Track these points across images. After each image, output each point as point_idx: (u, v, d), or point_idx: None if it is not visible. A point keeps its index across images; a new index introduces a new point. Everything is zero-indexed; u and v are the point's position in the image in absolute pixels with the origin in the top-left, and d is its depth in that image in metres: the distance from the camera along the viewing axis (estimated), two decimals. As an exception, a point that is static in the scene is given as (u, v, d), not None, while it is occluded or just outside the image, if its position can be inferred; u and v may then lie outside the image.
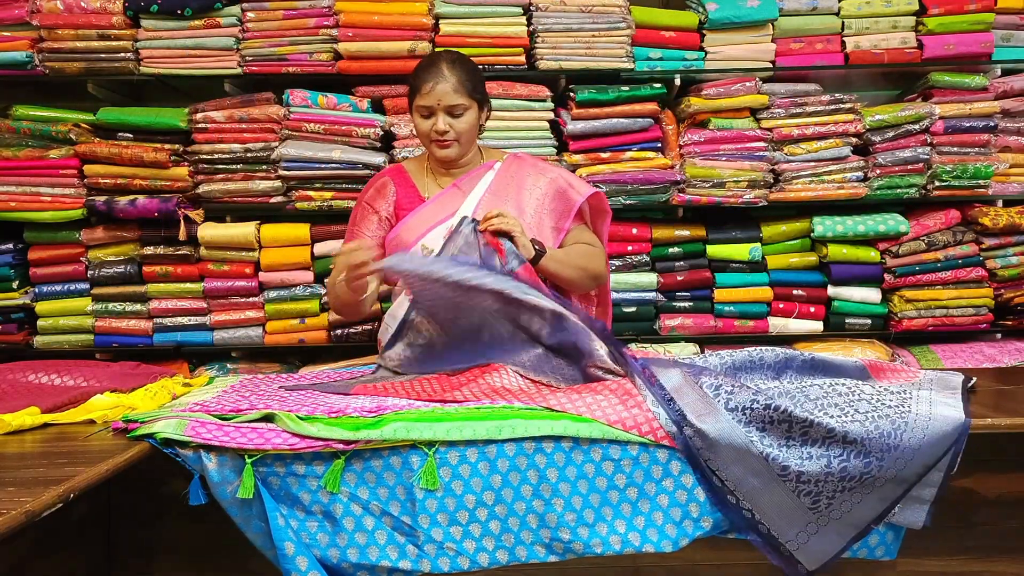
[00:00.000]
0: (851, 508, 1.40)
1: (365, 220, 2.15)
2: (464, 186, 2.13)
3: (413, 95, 2.08)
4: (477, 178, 2.14)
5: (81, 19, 2.65)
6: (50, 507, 1.11)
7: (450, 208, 2.09)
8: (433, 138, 2.06)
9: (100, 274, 2.74)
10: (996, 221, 2.73)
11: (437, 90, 2.01)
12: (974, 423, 1.49)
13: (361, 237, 2.11)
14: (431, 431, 1.39)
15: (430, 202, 2.12)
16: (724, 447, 1.40)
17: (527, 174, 2.15)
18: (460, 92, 2.03)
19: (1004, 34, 2.79)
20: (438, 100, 2.02)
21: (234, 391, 1.72)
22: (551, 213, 2.11)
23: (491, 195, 2.10)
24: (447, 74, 2.03)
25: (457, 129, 2.05)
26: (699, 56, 2.77)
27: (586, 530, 1.40)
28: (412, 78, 2.09)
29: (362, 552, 1.39)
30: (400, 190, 2.16)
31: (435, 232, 2.06)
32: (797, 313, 2.81)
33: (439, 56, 2.12)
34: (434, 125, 2.04)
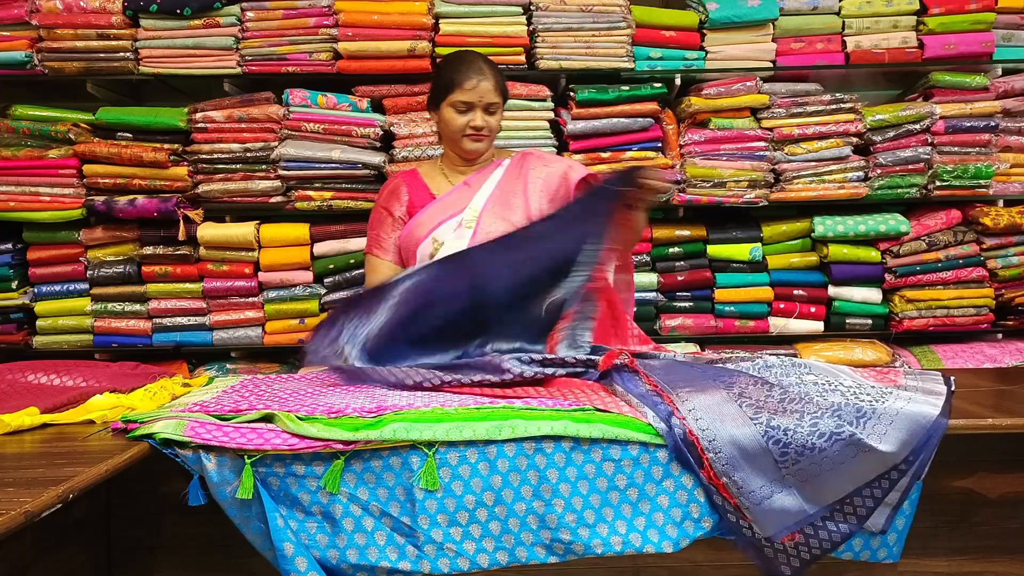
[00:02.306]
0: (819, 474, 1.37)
1: (382, 224, 2.21)
2: (474, 183, 2.17)
3: (449, 90, 2.10)
4: (487, 175, 2.18)
5: (80, 19, 2.65)
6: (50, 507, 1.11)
7: (460, 204, 2.13)
8: (468, 132, 2.11)
9: (99, 274, 2.73)
10: (997, 221, 2.73)
11: (481, 87, 2.08)
12: (974, 423, 1.49)
13: (380, 240, 2.20)
14: (431, 431, 1.39)
15: (440, 199, 2.16)
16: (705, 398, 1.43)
17: (532, 167, 2.18)
18: (497, 91, 2.11)
19: (1005, 34, 2.79)
20: (480, 96, 2.08)
21: (234, 391, 1.71)
22: (558, 200, 2.13)
23: (499, 191, 2.14)
24: (488, 72, 2.10)
25: (491, 125, 2.13)
26: (699, 56, 2.77)
27: (586, 531, 1.40)
28: (449, 73, 2.11)
29: (361, 553, 1.39)
30: (412, 191, 2.20)
31: (445, 226, 2.10)
32: (798, 313, 2.81)
33: (472, 55, 2.17)
34: (472, 120, 2.10)
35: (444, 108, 2.12)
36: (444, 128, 2.16)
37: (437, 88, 2.14)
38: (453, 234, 2.09)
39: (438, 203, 2.15)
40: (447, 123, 2.13)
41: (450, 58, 2.19)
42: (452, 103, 2.10)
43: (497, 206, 2.11)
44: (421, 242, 2.11)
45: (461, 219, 2.10)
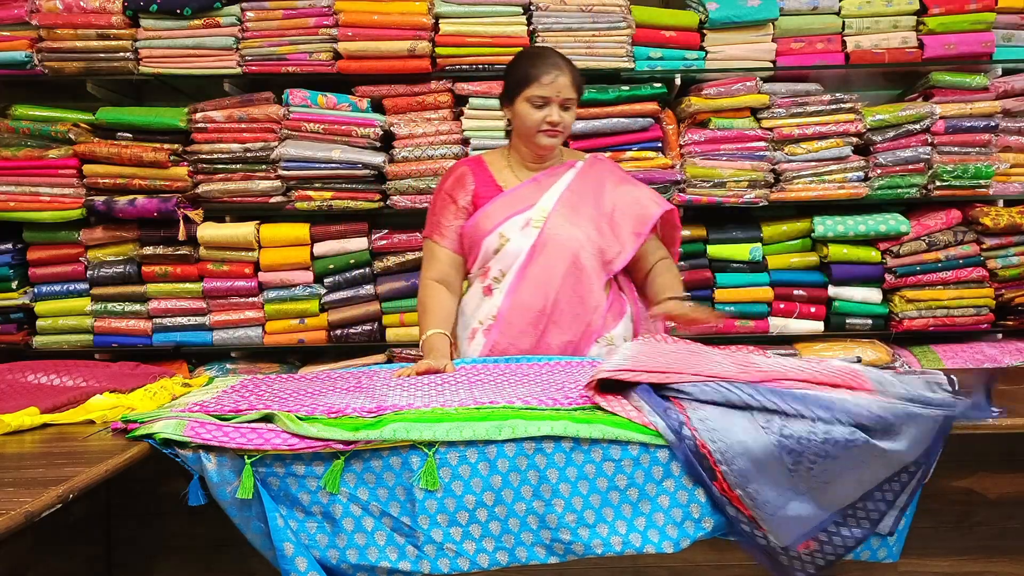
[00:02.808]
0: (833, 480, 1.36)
1: (445, 210, 2.16)
2: (544, 182, 2.16)
3: (526, 84, 2.07)
4: (557, 175, 2.17)
5: (80, 19, 2.65)
6: (49, 507, 1.10)
7: (529, 200, 2.12)
8: (544, 128, 2.09)
9: (99, 274, 2.74)
10: (997, 221, 2.73)
11: (559, 82, 2.05)
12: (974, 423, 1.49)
13: (441, 226, 2.15)
14: (431, 431, 1.38)
15: (509, 192, 2.14)
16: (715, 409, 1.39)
17: (606, 179, 2.18)
18: (574, 87, 2.09)
19: (1005, 34, 2.79)
20: (558, 92, 2.06)
21: (234, 391, 1.71)
22: (630, 218, 2.15)
23: (571, 192, 2.14)
24: (565, 68, 2.08)
25: (565, 122, 2.11)
26: (699, 56, 2.77)
27: (586, 531, 1.40)
28: (526, 67, 2.09)
29: (361, 553, 1.39)
30: (478, 180, 2.17)
31: (512, 222, 2.09)
32: (798, 313, 2.81)
33: (548, 50, 2.14)
34: (548, 116, 2.07)
35: (519, 103, 2.08)
36: (518, 123, 2.12)
37: (513, 82, 2.10)
38: (520, 232, 2.09)
39: (506, 196, 2.13)
40: (522, 118, 2.09)
41: (526, 53, 2.18)
42: (528, 98, 2.07)
43: (566, 209, 2.11)
44: (487, 235, 2.10)
45: (529, 217, 2.10)
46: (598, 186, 2.17)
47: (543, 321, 2.06)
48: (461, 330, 2.16)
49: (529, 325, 2.06)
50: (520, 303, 2.06)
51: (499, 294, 2.09)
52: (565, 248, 2.07)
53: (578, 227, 2.09)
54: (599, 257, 2.11)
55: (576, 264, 2.08)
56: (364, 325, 2.79)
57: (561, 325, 2.07)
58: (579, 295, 2.08)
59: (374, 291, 2.78)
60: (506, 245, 2.08)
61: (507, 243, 2.08)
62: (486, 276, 2.12)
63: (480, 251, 2.11)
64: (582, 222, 2.10)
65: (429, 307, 2.11)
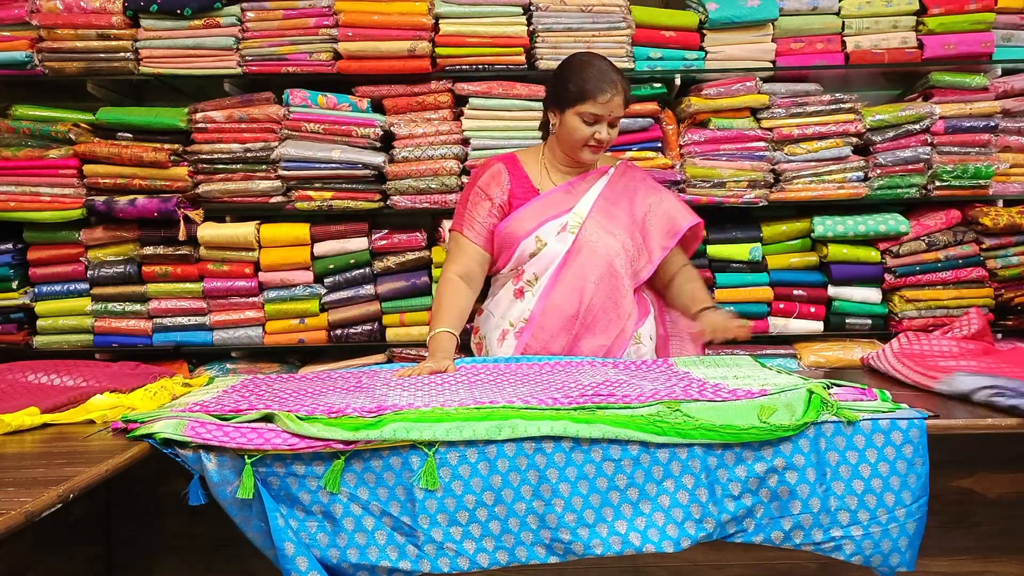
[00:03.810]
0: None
1: (478, 206, 2.15)
2: (578, 187, 2.17)
3: (581, 99, 2.04)
4: (592, 181, 2.18)
5: (81, 19, 2.65)
6: (50, 507, 1.11)
7: (564, 205, 2.13)
8: (590, 144, 2.08)
9: (100, 274, 2.74)
10: (996, 221, 2.73)
11: (613, 102, 2.05)
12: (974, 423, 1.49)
13: (474, 222, 2.14)
14: (431, 431, 1.39)
15: (544, 196, 2.15)
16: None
17: (638, 187, 2.20)
18: (624, 105, 2.09)
19: (1004, 34, 2.79)
20: (611, 111, 2.06)
21: (234, 391, 1.71)
22: (659, 230, 2.17)
23: (604, 199, 2.15)
24: (620, 87, 2.06)
25: (611, 139, 2.11)
26: (699, 56, 2.77)
27: (586, 531, 1.40)
28: (582, 81, 2.04)
29: (362, 552, 1.39)
30: (514, 179, 2.17)
31: (549, 226, 2.10)
32: (797, 313, 2.81)
33: (605, 64, 2.09)
34: (596, 133, 2.07)
35: (569, 115, 2.06)
36: (565, 133, 2.10)
37: (566, 92, 2.07)
38: (556, 237, 2.10)
39: (541, 200, 2.13)
40: (570, 131, 2.07)
41: (583, 62, 2.09)
42: (580, 112, 2.05)
43: (601, 215, 2.12)
44: (524, 239, 2.10)
45: (566, 222, 2.11)
46: (631, 194, 2.18)
47: (575, 326, 2.07)
48: (491, 331, 2.16)
49: (562, 329, 2.06)
50: (553, 307, 2.06)
51: (532, 297, 2.09)
52: (600, 255, 2.08)
53: (613, 235, 2.11)
54: (631, 265, 2.13)
55: (611, 271, 2.09)
56: (364, 325, 2.79)
57: (594, 330, 2.07)
58: (614, 301, 2.09)
59: (374, 291, 2.78)
60: (543, 249, 2.09)
61: (544, 247, 2.09)
62: (519, 279, 2.12)
63: (515, 253, 2.11)
64: (617, 229, 2.11)
65: (444, 303, 2.09)
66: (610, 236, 2.10)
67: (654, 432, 1.41)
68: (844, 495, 1.44)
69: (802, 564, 1.61)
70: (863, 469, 1.44)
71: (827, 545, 1.45)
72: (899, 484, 1.44)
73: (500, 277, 2.20)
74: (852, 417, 1.45)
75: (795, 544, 1.45)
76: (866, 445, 1.44)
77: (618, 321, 2.09)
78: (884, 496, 1.44)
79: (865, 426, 1.45)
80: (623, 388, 1.60)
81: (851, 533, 1.44)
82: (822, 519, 1.44)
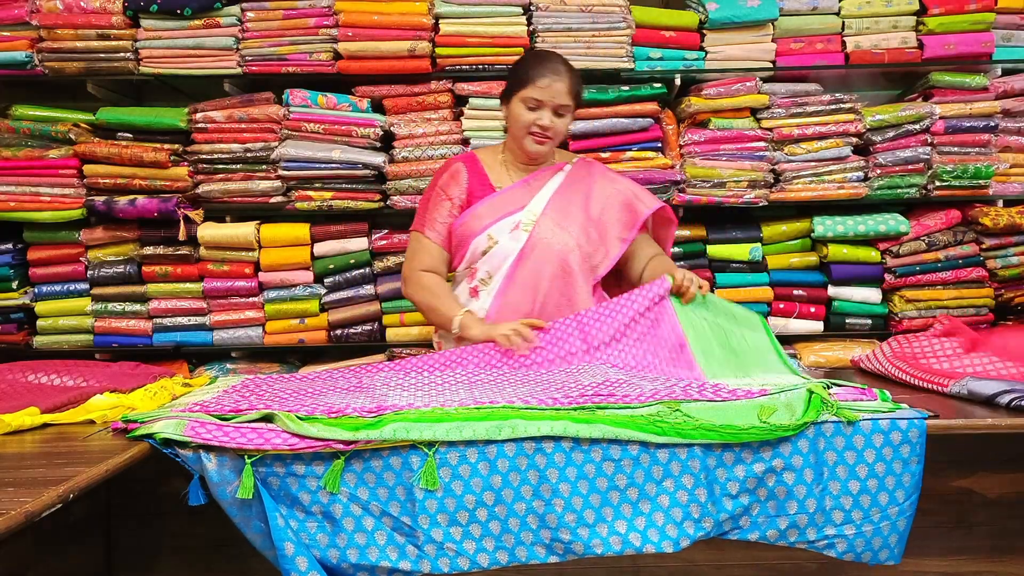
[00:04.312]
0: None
1: (439, 206, 2.18)
2: (534, 183, 2.17)
3: (522, 85, 2.08)
4: (547, 177, 2.18)
5: (81, 19, 2.65)
6: (50, 507, 1.11)
7: (520, 202, 2.13)
8: (533, 131, 2.09)
9: (100, 274, 2.74)
10: (996, 221, 2.73)
11: (555, 87, 2.06)
12: (974, 423, 1.50)
13: (434, 221, 2.17)
14: (431, 431, 1.39)
15: (500, 193, 2.16)
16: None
17: (595, 181, 2.19)
18: (570, 95, 2.09)
19: (1004, 34, 2.79)
20: (552, 96, 2.06)
21: (234, 391, 1.72)
22: (617, 222, 2.15)
23: (560, 196, 2.15)
24: (564, 74, 2.08)
25: (557, 128, 2.11)
26: (699, 56, 2.77)
27: (586, 530, 1.40)
28: (525, 68, 2.10)
29: (362, 552, 1.39)
30: (472, 177, 2.19)
31: (502, 224, 2.11)
32: (797, 313, 2.81)
33: (552, 55, 2.15)
34: (538, 119, 2.08)
35: (514, 102, 2.10)
36: (511, 122, 2.14)
37: (512, 81, 2.12)
38: (509, 235, 2.10)
39: (498, 197, 2.14)
40: (515, 118, 2.11)
41: (531, 54, 2.18)
42: (523, 98, 2.08)
43: (556, 212, 2.12)
44: (476, 236, 2.11)
45: (519, 220, 2.11)
46: (587, 189, 2.17)
47: None
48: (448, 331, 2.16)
49: None
50: (508, 306, 2.07)
51: (487, 296, 2.10)
52: (554, 252, 2.08)
53: (567, 231, 2.10)
54: (587, 261, 2.12)
55: (565, 268, 2.08)
56: (364, 325, 2.79)
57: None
58: (567, 298, 2.09)
59: (374, 291, 2.78)
60: (494, 247, 2.09)
61: (495, 245, 2.09)
62: (473, 277, 2.13)
63: (468, 251, 2.12)
64: (571, 226, 2.11)
65: (439, 292, 2.12)
66: (564, 233, 2.10)
67: (654, 432, 1.41)
68: (840, 495, 1.45)
69: (802, 563, 1.61)
70: (860, 470, 1.45)
71: (820, 543, 1.46)
72: (894, 484, 1.45)
73: (457, 276, 2.21)
74: (852, 417, 1.45)
75: (789, 542, 1.46)
76: (865, 445, 1.45)
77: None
78: (878, 496, 1.45)
79: (865, 426, 1.45)
80: (623, 388, 1.60)
81: (844, 532, 1.45)
82: (817, 518, 1.44)
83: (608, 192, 2.17)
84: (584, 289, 2.10)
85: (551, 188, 2.15)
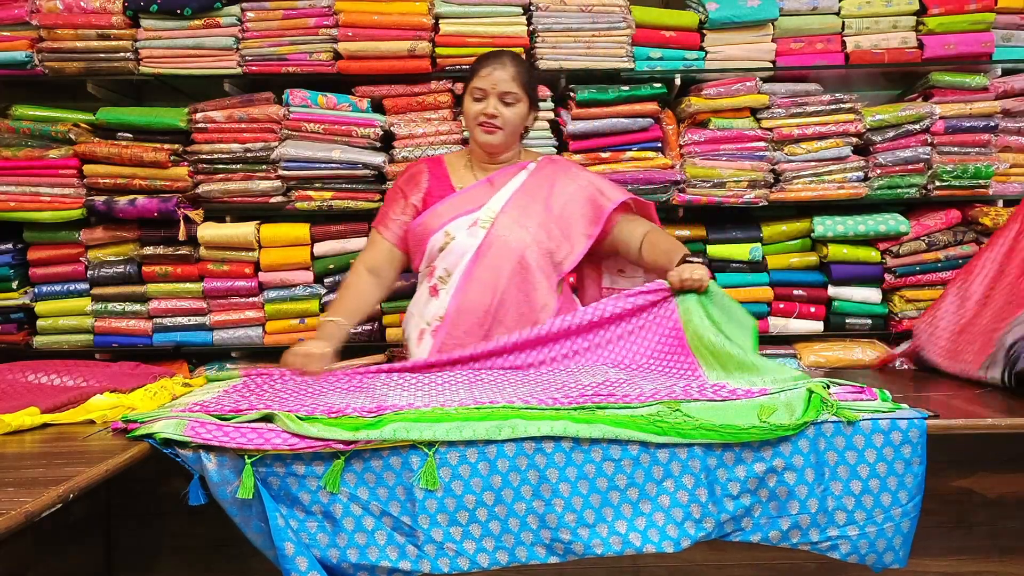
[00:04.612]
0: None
1: (394, 204, 2.22)
2: (497, 182, 2.18)
3: (469, 81, 2.15)
4: (510, 176, 2.19)
5: (81, 19, 2.65)
6: (49, 507, 1.11)
7: (479, 201, 2.14)
8: (481, 120, 2.12)
9: (100, 274, 2.73)
10: (997, 221, 2.73)
11: (495, 75, 2.10)
12: (974, 423, 1.50)
13: (387, 219, 2.21)
14: (431, 431, 1.39)
15: (460, 192, 2.17)
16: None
17: (559, 178, 2.19)
18: (516, 82, 2.11)
19: (1004, 34, 2.79)
20: (494, 84, 2.10)
21: (235, 391, 1.71)
22: (581, 218, 2.15)
23: (521, 194, 2.15)
24: (508, 65, 2.12)
25: (505, 116, 2.12)
26: (699, 56, 2.77)
27: (586, 531, 1.40)
28: (473, 65, 2.18)
29: (362, 552, 1.39)
30: (433, 179, 2.21)
31: (460, 221, 2.11)
32: (797, 313, 2.81)
33: (503, 51, 2.21)
34: (484, 108, 2.10)
35: (465, 99, 2.16)
36: (465, 119, 2.19)
37: (465, 82, 2.18)
38: (466, 231, 2.10)
39: (457, 196, 2.16)
40: (465, 112, 2.16)
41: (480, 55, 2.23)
42: (470, 91, 2.14)
43: (516, 210, 2.12)
44: (434, 233, 2.12)
45: (477, 217, 2.11)
46: (549, 186, 2.17)
47: (488, 321, 2.07)
48: (412, 331, 2.19)
49: (475, 325, 2.06)
50: (466, 303, 2.07)
51: (445, 295, 2.10)
52: (511, 248, 2.08)
53: (525, 228, 2.10)
54: (548, 257, 2.12)
55: (522, 264, 2.08)
56: (364, 325, 2.79)
57: (507, 324, 2.07)
58: (525, 293, 2.08)
59: (374, 291, 2.78)
60: (451, 243, 2.10)
61: (452, 241, 2.10)
62: (432, 276, 2.13)
63: (426, 249, 2.14)
64: (530, 223, 2.11)
65: (343, 295, 2.19)
66: (522, 230, 2.10)
67: (654, 432, 1.41)
68: (841, 495, 1.44)
69: (801, 564, 1.61)
70: (861, 470, 1.44)
71: (823, 544, 1.45)
72: (896, 484, 1.44)
73: (419, 278, 2.22)
74: (852, 417, 1.45)
75: (792, 544, 1.45)
76: (865, 445, 1.44)
77: (531, 314, 2.08)
78: (881, 496, 1.44)
79: (865, 426, 1.45)
80: (623, 388, 1.60)
81: (847, 533, 1.45)
82: (819, 519, 1.44)
83: (571, 188, 2.17)
84: (544, 285, 2.09)
85: (513, 186, 2.16)
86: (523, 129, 2.24)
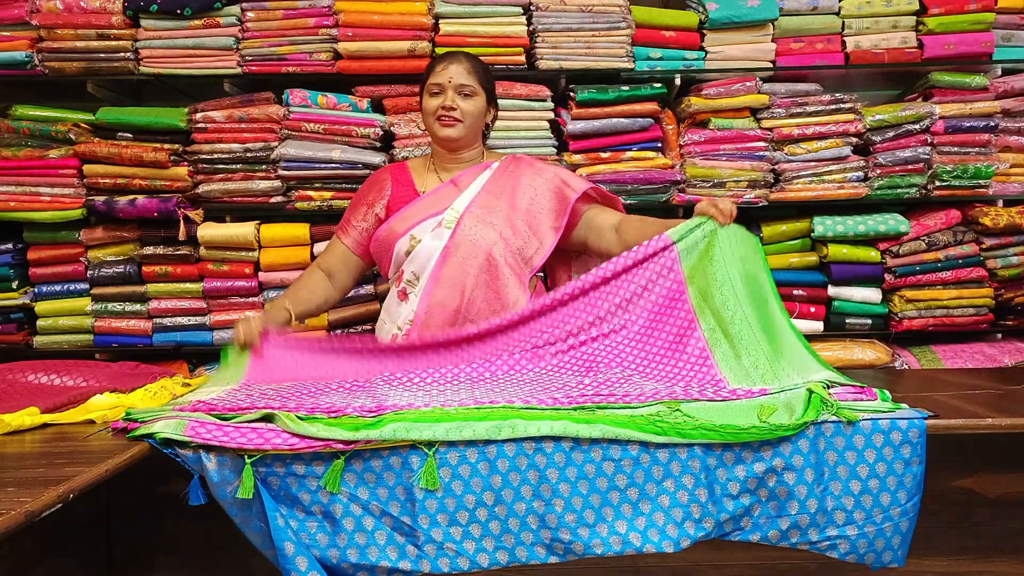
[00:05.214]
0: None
1: (355, 211, 2.24)
2: (461, 183, 2.18)
3: (426, 79, 2.16)
4: (474, 176, 2.18)
5: (81, 19, 2.65)
6: (50, 507, 1.11)
7: (444, 203, 2.14)
8: (439, 115, 2.12)
9: (100, 274, 2.73)
10: (996, 221, 2.73)
11: (451, 69, 2.12)
12: (974, 423, 1.49)
13: (348, 225, 2.23)
14: (431, 431, 1.39)
15: (425, 196, 2.17)
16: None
17: (523, 174, 2.18)
18: (471, 75, 2.13)
19: (1004, 34, 2.79)
20: (449, 78, 2.11)
21: (235, 391, 1.71)
22: (549, 212, 2.14)
23: (486, 193, 2.14)
24: (463, 59, 2.14)
25: (464, 109, 2.12)
26: (699, 56, 2.77)
27: (586, 530, 1.40)
28: (427, 67, 2.19)
29: (362, 552, 1.39)
30: (396, 187, 2.21)
31: (425, 224, 2.11)
32: (797, 313, 2.81)
33: (458, 51, 2.24)
34: (442, 102, 2.11)
35: (423, 97, 2.17)
36: (423, 117, 2.19)
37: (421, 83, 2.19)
38: (431, 233, 2.10)
39: (422, 200, 2.16)
40: (423, 111, 2.17)
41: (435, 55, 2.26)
42: (427, 88, 2.15)
43: (480, 208, 2.12)
44: (399, 238, 2.11)
45: (441, 219, 2.10)
46: (514, 183, 2.17)
47: (459, 321, 2.06)
48: (383, 336, 2.18)
49: (446, 325, 2.05)
50: (436, 305, 2.06)
51: (414, 298, 2.09)
52: (478, 247, 2.08)
53: (491, 226, 2.10)
54: (517, 254, 2.11)
55: (490, 261, 2.08)
56: (364, 324, 2.79)
57: (477, 322, 2.05)
58: (495, 291, 2.08)
59: (374, 290, 2.78)
60: (417, 247, 2.09)
61: (418, 244, 2.09)
62: (400, 280, 2.13)
63: (393, 254, 2.13)
64: (496, 220, 2.10)
65: (293, 286, 2.23)
66: (488, 228, 2.09)
67: (654, 432, 1.41)
68: (841, 495, 1.45)
69: (801, 564, 1.61)
70: (861, 470, 1.44)
71: (823, 544, 1.46)
72: (895, 484, 1.44)
73: (389, 284, 2.21)
74: (852, 417, 1.45)
75: (791, 543, 1.45)
76: (865, 445, 1.44)
77: (501, 310, 2.06)
78: (880, 496, 1.44)
79: (865, 426, 1.45)
80: (623, 388, 1.60)
81: (846, 533, 1.45)
82: (819, 519, 1.44)
83: (536, 183, 2.16)
84: (514, 282, 2.09)
85: (477, 186, 2.16)
86: (484, 126, 2.23)
